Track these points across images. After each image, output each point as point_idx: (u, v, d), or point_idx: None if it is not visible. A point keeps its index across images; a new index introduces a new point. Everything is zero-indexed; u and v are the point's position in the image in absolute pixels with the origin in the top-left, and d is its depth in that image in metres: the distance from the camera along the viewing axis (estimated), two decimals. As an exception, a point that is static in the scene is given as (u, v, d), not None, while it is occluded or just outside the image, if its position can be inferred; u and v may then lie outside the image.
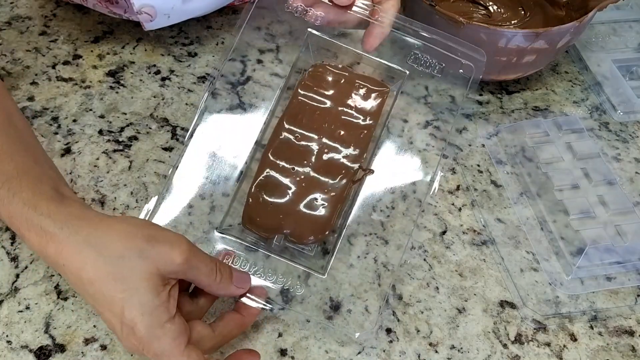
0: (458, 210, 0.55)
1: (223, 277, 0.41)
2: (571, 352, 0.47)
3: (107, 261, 0.37)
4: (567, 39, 0.59)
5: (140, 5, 0.57)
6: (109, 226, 0.39)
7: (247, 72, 0.65)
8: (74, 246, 0.38)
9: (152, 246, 0.38)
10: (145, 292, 0.37)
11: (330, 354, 0.45)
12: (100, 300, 0.38)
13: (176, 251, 0.38)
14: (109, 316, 0.38)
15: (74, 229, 0.38)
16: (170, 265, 0.38)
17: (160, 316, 0.37)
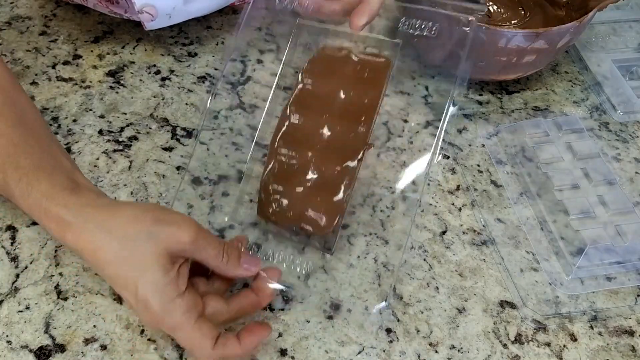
0: (458, 210, 0.55)
1: (230, 259, 0.43)
2: (571, 352, 0.47)
3: (120, 244, 0.40)
4: (567, 39, 0.59)
5: (141, 5, 0.57)
6: (119, 211, 0.41)
7: (247, 72, 0.65)
8: (89, 232, 0.40)
9: (160, 227, 0.40)
10: (155, 271, 0.39)
11: (330, 354, 0.45)
12: (117, 280, 0.40)
13: (183, 232, 0.40)
14: (126, 294, 0.40)
15: (88, 216, 0.41)
16: (177, 245, 0.40)
17: (170, 293, 0.39)
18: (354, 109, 0.50)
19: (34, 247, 0.49)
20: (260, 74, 0.65)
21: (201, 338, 0.40)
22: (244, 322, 0.46)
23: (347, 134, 0.49)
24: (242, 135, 0.59)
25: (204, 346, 0.40)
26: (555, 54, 0.61)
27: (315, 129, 0.50)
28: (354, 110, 0.50)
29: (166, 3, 0.59)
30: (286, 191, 0.49)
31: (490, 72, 0.62)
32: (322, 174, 0.48)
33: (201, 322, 0.40)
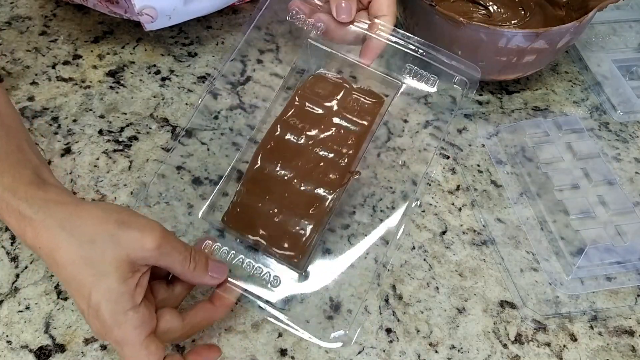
0: (458, 210, 0.55)
1: (198, 266, 0.41)
2: (571, 352, 0.47)
3: (79, 245, 0.37)
4: (567, 39, 0.59)
5: (141, 6, 0.57)
6: (83, 210, 0.39)
7: (247, 72, 0.65)
8: (49, 230, 0.38)
9: (123, 231, 0.38)
10: (112, 278, 0.37)
11: (330, 354, 0.45)
12: (72, 283, 0.38)
13: (148, 237, 0.38)
14: (78, 299, 0.38)
15: (49, 213, 0.38)
16: (140, 252, 0.38)
17: (124, 304, 0.37)
18: (343, 136, 0.50)
19: (34, 247, 0.49)
20: (260, 74, 0.65)
21: (147, 357, 0.38)
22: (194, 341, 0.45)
23: (332, 159, 0.49)
24: (242, 135, 0.58)
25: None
26: (555, 54, 0.61)
27: (301, 150, 0.49)
28: (342, 137, 0.50)
29: (166, 4, 0.58)
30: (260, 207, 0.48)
31: (490, 72, 0.62)
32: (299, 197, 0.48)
33: (150, 341, 0.38)
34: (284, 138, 0.50)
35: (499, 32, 0.57)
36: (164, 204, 0.52)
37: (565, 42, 0.59)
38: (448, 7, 0.69)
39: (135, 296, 0.38)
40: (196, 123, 0.59)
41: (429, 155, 0.58)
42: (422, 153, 0.58)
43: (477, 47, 0.59)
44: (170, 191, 0.54)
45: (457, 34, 0.58)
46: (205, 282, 0.42)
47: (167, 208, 0.52)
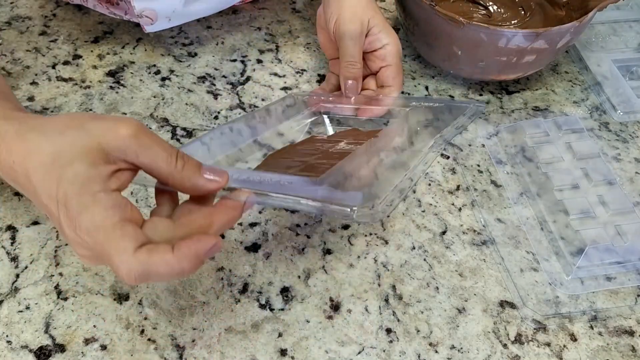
0: (458, 210, 0.55)
1: (187, 165, 0.35)
2: (571, 352, 0.47)
3: (48, 140, 0.34)
4: (567, 39, 0.59)
5: (141, 8, 0.57)
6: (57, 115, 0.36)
7: (247, 72, 0.65)
8: (21, 137, 0.35)
9: (95, 121, 0.34)
10: (80, 163, 0.33)
11: (330, 354, 0.45)
12: (42, 186, 0.33)
13: (122, 125, 0.34)
14: (49, 202, 0.33)
15: (23, 122, 0.36)
16: (114, 140, 0.33)
17: (92, 185, 0.32)
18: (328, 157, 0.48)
19: (34, 247, 0.49)
20: (260, 74, 0.65)
21: (121, 239, 0.32)
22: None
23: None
24: (242, 135, 0.58)
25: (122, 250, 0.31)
26: (555, 54, 0.61)
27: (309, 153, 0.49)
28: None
29: (166, 6, 0.58)
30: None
31: (490, 72, 0.62)
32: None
33: (126, 223, 0.32)
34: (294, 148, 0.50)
35: (499, 32, 0.57)
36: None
37: (565, 42, 0.59)
38: (448, 7, 0.69)
39: (107, 182, 0.33)
40: (196, 123, 0.59)
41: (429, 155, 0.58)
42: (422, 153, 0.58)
43: (477, 47, 0.59)
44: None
45: (457, 34, 0.58)
46: (201, 185, 0.36)
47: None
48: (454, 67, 0.63)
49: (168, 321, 0.46)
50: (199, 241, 0.33)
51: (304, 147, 0.51)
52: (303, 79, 0.65)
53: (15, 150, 0.35)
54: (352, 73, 0.55)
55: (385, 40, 0.55)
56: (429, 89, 0.65)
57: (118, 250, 0.32)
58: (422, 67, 0.68)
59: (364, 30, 0.55)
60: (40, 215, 0.51)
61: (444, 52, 0.62)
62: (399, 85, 0.56)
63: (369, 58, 0.57)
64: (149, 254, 0.32)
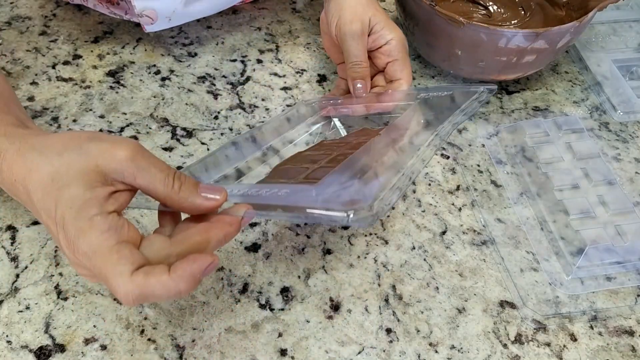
0: (458, 210, 0.55)
1: (184, 186, 0.35)
2: (571, 352, 0.47)
3: (48, 161, 0.34)
4: (567, 39, 0.59)
5: (141, 8, 0.57)
6: (56, 134, 0.36)
7: (247, 72, 0.65)
8: (22, 155, 0.35)
9: (93, 143, 0.34)
10: (77, 186, 0.33)
11: (330, 354, 0.45)
12: (42, 205, 0.34)
13: (120, 147, 0.34)
14: (49, 223, 0.34)
15: (24, 141, 0.36)
16: (112, 162, 0.34)
17: (88, 209, 0.33)
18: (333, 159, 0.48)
19: (34, 247, 0.49)
20: (260, 74, 0.65)
21: (118, 262, 0.32)
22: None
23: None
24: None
25: (119, 273, 0.31)
26: (555, 54, 0.61)
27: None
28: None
29: (166, 6, 0.59)
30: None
31: (490, 72, 0.62)
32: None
33: (122, 246, 0.32)
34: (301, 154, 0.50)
35: (499, 32, 0.57)
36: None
37: (565, 42, 0.59)
38: (448, 7, 0.69)
39: (104, 205, 0.33)
40: (196, 123, 0.59)
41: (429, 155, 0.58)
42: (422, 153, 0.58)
43: (477, 47, 0.59)
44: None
45: (457, 34, 0.58)
46: (199, 204, 0.36)
47: (167, 208, 0.52)
48: (454, 67, 0.63)
49: (168, 321, 0.46)
50: (195, 262, 0.33)
51: (311, 152, 0.51)
52: (303, 79, 0.65)
53: (16, 169, 0.35)
54: (359, 73, 0.55)
55: (389, 35, 0.55)
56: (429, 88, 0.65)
57: (115, 274, 0.32)
58: (422, 67, 0.68)
59: (365, 29, 0.55)
60: (40, 215, 0.51)
61: (444, 52, 0.62)
62: (407, 77, 0.55)
63: (375, 56, 0.57)
64: (145, 276, 0.32)
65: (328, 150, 0.49)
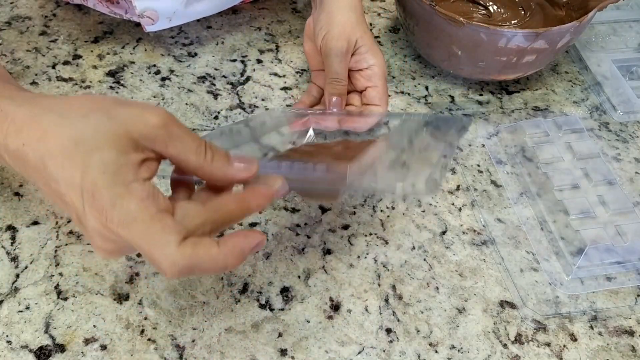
0: (458, 210, 0.55)
1: (216, 156, 0.34)
2: (571, 352, 0.47)
3: (70, 123, 0.31)
4: (567, 39, 0.59)
5: (142, 8, 0.58)
6: (73, 97, 0.34)
7: (247, 72, 0.65)
8: (35, 117, 0.32)
9: (122, 107, 0.32)
10: (109, 150, 0.31)
11: (330, 354, 0.45)
12: (61, 173, 0.31)
13: (151, 113, 0.32)
14: (69, 191, 0.31)
15: (37, 102, 0.33)
16: (143, 127, 0.32)
17: (125, 175, 0.31)
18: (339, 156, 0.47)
19: (34, 247, 0.49)
20: (260, 74, 0.65)
21: (162, 232, 0.30)
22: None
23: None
24: (242, 135, 0.58)
25: (166, 244, 0.30)
26: (555, 54, 0.61)
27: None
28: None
29: (167, 7, 0.59)
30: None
31: (490, 72, 0.62)
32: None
33: (164, 215, 0.31)
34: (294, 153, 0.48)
35: (499, 32, 0.57)
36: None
37: (565, 42, 0.59)
38: (448, 7, 0.69)
39: (138, 171, 0.31)
40: (196, 123, 0.59)
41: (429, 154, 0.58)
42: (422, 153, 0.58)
43: (477, 47, 0.59)
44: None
45: (457, 34, 0.58)
46: (231, 175, 0.35)
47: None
48: (454, 67, 0.63)
49: (168, 321, 0.46)
50: (246, 237, 0.33)
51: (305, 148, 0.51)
52: (303, 79, 0.65)
53: (28, 132, 0.32)
54: (337, 90, 0.55)
55: (372, 61, 0.56)
56: (429, 89, 0.65)
57: (161, 244, 0.30)
58: (422, 67, 0.68)
59: (350, 49, 0.55)
60: (40, 215, 0.51)
61: (444, 52, 0.62)
62: (384, 105, 0.57)
63: (355, 76, 0.57)
64: (193, 247, 0.31)
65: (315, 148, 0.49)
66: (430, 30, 0.61)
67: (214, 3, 0.63)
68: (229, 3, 0.64)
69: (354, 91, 0.58)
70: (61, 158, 0.31)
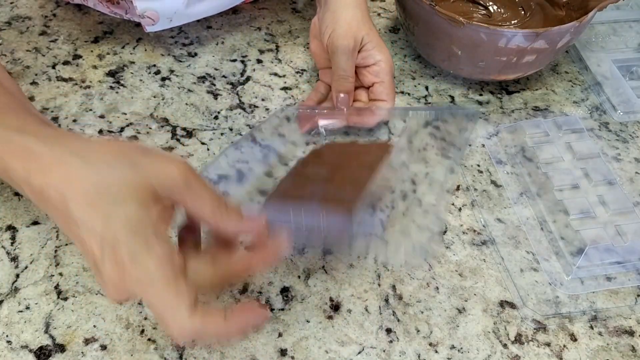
0: (458, 210, 0.55)
1: (230, 211, 0.36)
2: (571, 352, 0.47)
3: (96, 171, 0.33)
4: (567, 39, 0.59)
5: (143, 9, 0.58)
6: (99, 142, 0.35)
7: (247, 72, 0.65)
8: (61, 161, 0.33)
9: (146, 158, 0.34)
10: (132, 203, 0.32)
11: (330, 354, 0.45)
12: (82, 218, 0.32)
13: (173, 165, 0.34)
14: (89, 237, 0.32)
15: (62, 144, 0.34)
16: (165, 179, 0.33)
17: (145, 231, 0.32)
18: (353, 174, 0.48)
19: (34, 247, 0.49)
20: (260, 74, 0.65)
21: (176, 299, 0.32)
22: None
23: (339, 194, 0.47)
24: (242, 135, 0.59)
25: (178, 310, 0.31)
26: (555, 54, 0.61)
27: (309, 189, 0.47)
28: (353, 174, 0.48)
29: (168, 7, 0.59)
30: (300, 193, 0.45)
31: (490, 72, 0.62)
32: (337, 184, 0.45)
33: (179, 279, 0.32)
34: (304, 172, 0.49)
35: (499, 32, 0.57)
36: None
37: (565, 42, 0.59)
38: (448, 7, 0.69)
39: (157, 225, 0.32)
40: (196, 123, 0.59)
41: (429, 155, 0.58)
42: (422, 153, 0.58)
43: (477, 47, 0.59)
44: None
45: (457, 34, 0.58)
46: (243, 229, 0.36)
47: (167, 208, 0.52)
48: (454, 67, 0.63)
49: (168, 321, 0.46)
50: (253, 313, 0.35)
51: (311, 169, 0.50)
52: (303, 79, 0.65)
53: (52, 174, 0.33)
54: (345, 87, 0.56)
55: (379, 57, 0.56)
56: (429, 89, 0.65)
57: (173, 309, 0.32)
58: (422, 67, 0.68)
59: (357, 45, 0.56)
60: (40, 215, 0.51)
61: (444, 52, 0.62)
62: (392, 101, 0.57)
63: (362, 73, 0.58)
64: (202, 317, 0.32)
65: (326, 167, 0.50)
66: (430, 30, 0.61)
67: (215, 3, 0.63)
68: (230, 4, 0.64)
69: (361, 87, 0.59)
70: (84, 204, 0.32)
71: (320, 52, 0.60)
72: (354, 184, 0.44)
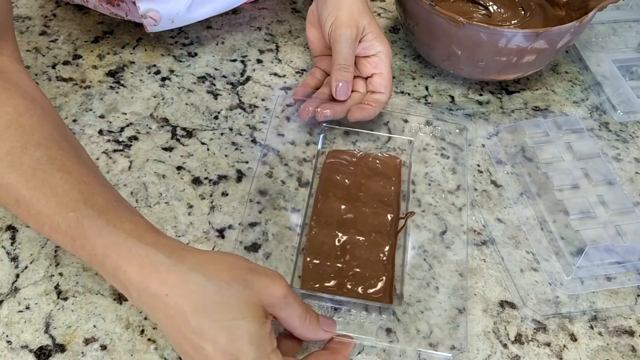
0: (458, 210, 0.55)
1: (312, 320, 0.41)
2: (571, 352, 0.47)
3: (215, 288, 0.36)
4: (567, 39, 0.59)
5: (145, 9, 0.58)
6: (211, 256, 0.39)
7: (247, 72, 0.65)
8: (180, 274, 0.37)
9: (255, 277, 0.38)
10: (252, 321, 0.36)
11: (330, 354, 0.45)
12: (203, 331, 0.36)
13: (276, 284, 0.38)
14: (213, 349, 0.36)
15: (180, 258, 0.38)
16: (270, 298, 0.38)
17: (266, 346, 0.37)
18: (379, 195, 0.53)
19: (34, 247, 0.49)
20: (260, 74, 0.65)
21: None
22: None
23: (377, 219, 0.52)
24: (242, 135, 0.59)
25: None
26: (555, 54, 0.61)
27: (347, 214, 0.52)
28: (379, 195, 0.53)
29: (170, 9, 0.59)
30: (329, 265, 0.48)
31: (490, 72, 0.62)
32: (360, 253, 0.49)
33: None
34: (330, 205, 0.52)
35: (499, 32, 0.57)
36: (164, 204, 0.52)
37: (565, 42, 0.59)
38: (448, 7, 0.69)
39: (272, 340, 0.38)
40: (196, 123, 0.59)
41: (429, 155, 0.58)
42: (422, 153, 0.58)
43: (477, 47, 0.59)
44: (170, 191, 0.54)
45: (457, 34, 0.58)
46: (320, 337, 0.42)
47: (167, 208, 0.52)
48: (454, 67, 0.63)
49: (168, 321, 0.46)
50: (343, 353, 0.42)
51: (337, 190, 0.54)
52: (303, 78, 0.65)
53: (172, 286, 0.37)
54: (344, 77, 0.56)
55: (379, 47, 0.56)
56: (429, 89, 0.65)
57: None
58: (422, 67, 0.68)
59: (358, 35, 0.56)
60: (40, 215, 0.51)
61: (444, 52, 0.62)
62: (389, 92, 0.58)
63: (361, 63, 0.58)
64: None
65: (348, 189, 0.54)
66: (430, 30, 0.61)
67: (216, 6, 0.63)
68: (231, 5, 0.64)
69: (358, 77, 0.59)
70: (206, 318, 0.36)
71: (318, 39, 0.60)
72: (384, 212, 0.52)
